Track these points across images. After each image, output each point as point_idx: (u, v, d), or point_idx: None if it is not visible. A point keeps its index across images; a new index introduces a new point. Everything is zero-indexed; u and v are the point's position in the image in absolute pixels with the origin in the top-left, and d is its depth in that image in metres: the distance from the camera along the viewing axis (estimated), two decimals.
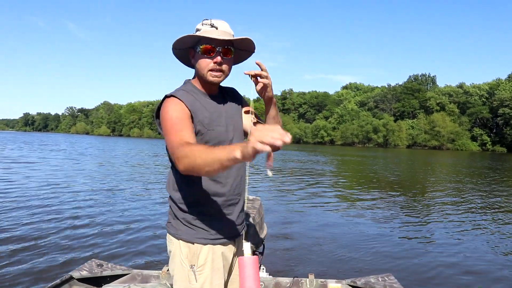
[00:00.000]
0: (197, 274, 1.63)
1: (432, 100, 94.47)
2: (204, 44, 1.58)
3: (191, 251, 1.64)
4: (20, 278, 4.09)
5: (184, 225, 1.66)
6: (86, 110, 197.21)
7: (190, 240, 1.65)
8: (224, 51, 1.60)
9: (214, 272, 1.65)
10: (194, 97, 1.64)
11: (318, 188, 12.54)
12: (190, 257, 1.64)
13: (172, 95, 1.61)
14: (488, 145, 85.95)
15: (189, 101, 1.61)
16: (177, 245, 1.67)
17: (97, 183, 11.87)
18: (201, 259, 1.64)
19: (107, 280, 2.95)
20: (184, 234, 1.66)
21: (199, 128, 1.60)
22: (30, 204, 8.00)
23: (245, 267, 1.51)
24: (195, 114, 1.60)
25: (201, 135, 1.61)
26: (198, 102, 1.64)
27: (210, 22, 1.60)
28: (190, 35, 1.58)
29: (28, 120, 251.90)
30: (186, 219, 1.66)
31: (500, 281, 4.61)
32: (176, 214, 1.69)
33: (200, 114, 1.62)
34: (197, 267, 1.64)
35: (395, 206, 9.44)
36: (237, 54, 1.71)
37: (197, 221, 1.65)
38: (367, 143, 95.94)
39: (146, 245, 5.47)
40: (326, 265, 4.90)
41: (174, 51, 1.70)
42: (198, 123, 1.60)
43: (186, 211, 1.66)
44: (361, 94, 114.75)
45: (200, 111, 1.62)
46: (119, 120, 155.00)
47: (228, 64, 1.65)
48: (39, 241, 5.39)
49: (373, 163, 28.20)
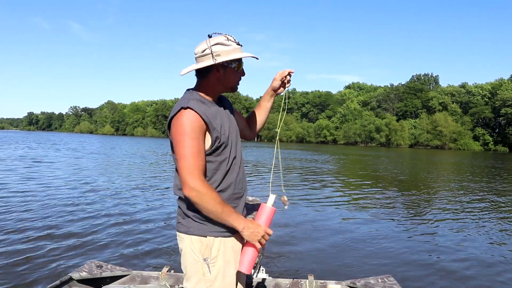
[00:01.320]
0: (210, 266, 1.70)
1: (435, 100, 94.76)
2: (240, 62, 1.80)
3: (204, 244, 1.71)
4: (19, 279, 4.07)
5: (195, 222, 1.73)
6: (89, 109, 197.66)
7: (203, 234, 1.72)
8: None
9: (226, 264, 1.73)
10: (206, 106, 1.74)
11: (318, 188, 12.44)
12: (203, 250, 1.71)
13: (189, 107, 1.66)
14: (490, 145, 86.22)
15: (203, 111, 1.69)
16: (189, 241, 1.73)
17: (99, 183, 11.66)
18: (214, 251, 1.72)
19: (106, 281, 2.96)
20: (196, 229, 1.73)
21: (216, 135, 1.71)
22: (29, 203, 7.90)
23: (263, 213, 1.78)
24: (210, 123, 1.69)
25: (218, 140, 1.72)
26: (210, 110, 1.73)
27: (234, 39, 1.76)
28: (244, 55, 1.78)
29: (32, 119, 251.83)
30: (197, 215, 1.72)
31: (504, 283, 4.55)
32: (186, 213, 1.75)
33: (214, 122, 1.72)
34: (211, 259, 1.71)
35: (396, 207, 9.39)
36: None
37: (207, 216, 1.70)
38: (369, 142, 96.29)
39: (145, 246, 5.42)
40: (326, 266, 4.88)
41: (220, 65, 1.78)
42: (214, 130, 1.70)
43: (196, 209, 1.70)
44: (364, 94, 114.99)
45: (214, 118, 1.73)
46: (122, 120, 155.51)
47: None
48: (38, 242, 5.34)
49: (375, 163, 28.21)
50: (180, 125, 1.65)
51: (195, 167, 1.63)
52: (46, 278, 4.08)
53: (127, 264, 4.43)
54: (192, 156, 1.63)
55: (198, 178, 1.62)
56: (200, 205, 1.63)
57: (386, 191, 12.31)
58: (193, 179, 1.61)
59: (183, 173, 1.64)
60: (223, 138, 1.73)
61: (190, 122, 1.64)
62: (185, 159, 1.63)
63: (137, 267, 4.30)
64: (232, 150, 1.80)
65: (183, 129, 1.64)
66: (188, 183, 1.62)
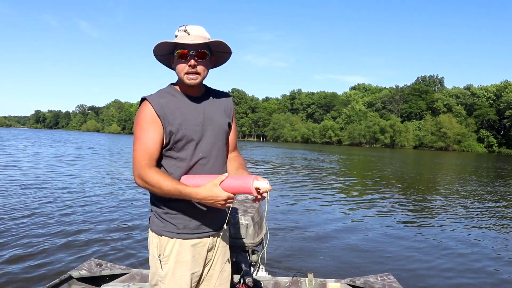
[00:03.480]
0: (162, 264, 1.75)
1: (439, 101, 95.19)
2: (180, 49, 1.67)
3: (160, 242, 1.75)
4: (19, 277, 4.06)
5: (156, 218, 1.77)
6: (96, 108, 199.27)
7: (159, 232, 1.75)
8: (198, 54, 1.68)
9: (178, 264, 1.74)
10: (169, 99, 1.72)
11: (319, 187, 12.41)
12: (159, 247, 1.75)
13: (145, 98, 1.70)
14: (495, 147, 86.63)
15: (161, 104, 1.69)
16: (150, 235, 1.80)
17: (100, 183, 11.51)
18: (167, 250, 1.74)
19: (106, 280, 2.95)
20: (155, 226, 1.77)
21: (169, 128, 1.68)
22: (28, 203, 7.83)
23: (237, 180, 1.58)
24: (165, 116, 1.68)
25: (173, 134, 1.69)
26: (173, 104, 1.72)
27: (184, 28, 1.71)
28: (165, 42, 1.68)
29: (39, 117, 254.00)
30: (158, 212, 1.76)
31: (503, 283, 4.53)
32: (152, 208, 1.81)
33: (171, 115, 1.69)
34: (163, 257, 1.74)
35: (396, 206, 9.35)
36: (216, 57, 1.82)
37: (166, 216, 1.74)
38: (374, 143, 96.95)
39: (145, 244, 5.28)
40: (325, 265, 4.88)
41: (156, 57, 1.80)
42: (168, 124, 1.68)
43: (158, 206, 1.75)
44: (369, 95, 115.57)
45: (172, 112, 1.69)
46: (129, 118, 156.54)
47: (204, 66, 1.72)
48: (38, 240, 5.33)
49: (378, 163, 28.32)
50: (136, 116, 1.72)
51: (142, 157, 1.65)
52: (46, 276, 4.09)
53: (127, 263, 4.46)
54: (140, 146, 1.66)
55: (144, 166, 1.65)
56: (150, 190, 1.66)
57: (387, 190, 12.32)
58: (137, 168, 1.65)
59: (133, 164, 1.69)
60: (180, 133, 1.69)
61: (143, 114, 1.68)
62: (134, 149, 1.68)
63: (137, 266, 4.33)
64: (198, 150, 1.74)
65: (136, 120, 1.71)
66: (134, 172, 1.67)
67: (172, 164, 1.72)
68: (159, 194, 1.65)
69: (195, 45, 1.67)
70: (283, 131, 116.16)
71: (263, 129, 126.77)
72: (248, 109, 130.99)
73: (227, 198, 1.57)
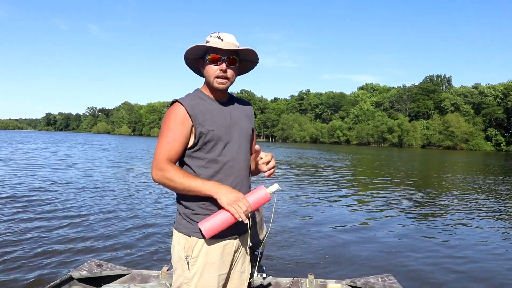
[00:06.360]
0: (190, 265, 1.75)
1: (447, 101, 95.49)
2: (212, 54, 1.73)
3: (188, 243, 1.76)
4: (19, 278, 4.04)
5: (184, 220, 1.78)
6: (106, 110, 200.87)
7: (188, 233, 1.76)
8: (229, 60, 1.75)
9: (207, 266, 1.75)
10: (198, 102, 1.77)
11: (321, 188, 12.33)
12: (187, 248, 1.76)
13: (177, 100, 1.74)
14: (503, 145, 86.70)
15: (192, 105, 1.73)
16: (177, 237, 1.80)
17: (103, 182, 11.57)
18: (195, 251, 1.75)
19: (107, 280, 2.94)
20: (183, 228, 1.78)
21: (200, 129, 1.72)
22: (28, 203, 7.87)
23: (256, 192, 1.74)
24: (195, 117, 1.72)
25: (203, 135, 1.73)
26: (203, 106, 1.76)
27: (217, 34, 1.77)
28: (199, 45, 1.73)
29: (50, 119, 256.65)
30: (186, 214, 1.78)
31: (509, 285, 4.47)
32: (179, 209, 1.82)
33: (201, 117, 1.73)
34: (191, 258, 1.75)
35: (398, 207, 9.29)
36: (242, 65, 1.88)
37: (195, 217, 1.76)
38: (382, 143, 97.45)
39: (145, 245, 5.41)
40: (326, 265, 4.85)
41: (186, 60, 1.84)
42: (198, 125, 1.72)
43: (187, 207, 1.77)
44: (377, 95, 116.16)
45: (202, 114, 1.74)
46: (139, 120, 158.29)
47: (233, 71, 1.78)
48: (38, 240, 5.33)
49: (386, 162, 28.19)
50: (165, 116, 1.76)
51: (164, 153, 1.69)
52: (46, 277, 4.08)
53: (127, 263, 4.44)
54: (164, 144, 1.70)
55: (165, 161, 1.68)
56: (167, 184, 1.68)
57: (390, 190, 12.24)
58: (158, 163, 1.68)
59: (153, 159, 1.72)
60: (210, 134, 1.73)
61: (174, 114, 1.72)
62: (157, 146, 1.72)
63: (137, 266, 4.32)
64: (226, 152, 1.78)
65: (165, 120, 1.75)
66: (153, 167, 1.70)
67: (200, 165, 1.77)
68: (176, 188, 1.69)
69: (227, 51, 1.73)
70: (291, 131, 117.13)
71: (272, 129, 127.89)
72: (257, 110, 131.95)
73: (248, 205, 1.67)
